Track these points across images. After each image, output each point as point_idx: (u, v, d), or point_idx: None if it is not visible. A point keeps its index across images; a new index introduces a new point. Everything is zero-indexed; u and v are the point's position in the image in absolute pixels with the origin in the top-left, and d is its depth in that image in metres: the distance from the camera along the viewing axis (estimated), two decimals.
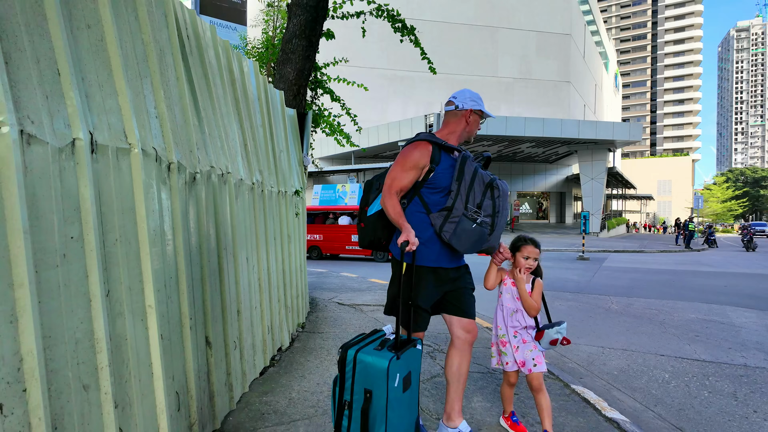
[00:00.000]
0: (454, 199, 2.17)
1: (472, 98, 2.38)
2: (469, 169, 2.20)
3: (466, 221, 2.14)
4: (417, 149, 2.23)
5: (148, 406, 1.77)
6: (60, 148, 1.43)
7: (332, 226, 13.92)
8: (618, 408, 2.98)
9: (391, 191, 2.22)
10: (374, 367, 1.88)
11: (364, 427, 1.88)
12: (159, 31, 2.11)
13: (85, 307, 1.50)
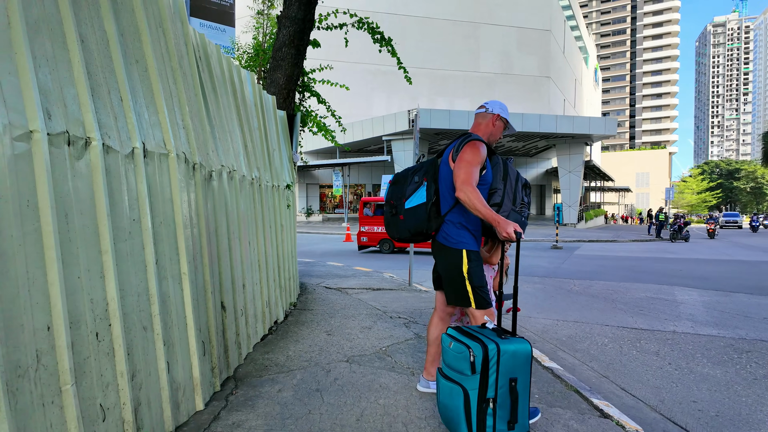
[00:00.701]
0: (502, 196, 2.47)
1: (500, 107, 2.66)
2: (513, 171, 2.55)
3: (515, 214, 2.48)
4: (482, 148, 2.42)
5: (185, 348, 2.34)
6: (125, 155, 1.98)
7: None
8: (559, 363, 3.62)
9: (473, 186, 2.31)
10: (519, 353, 1.94)
11: (513, 416, 1.94)
12: (182, 57, 2.65)
13: (143, 270, 2.06)
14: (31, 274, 1.50)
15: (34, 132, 1.54)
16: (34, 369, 1.49)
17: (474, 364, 1.93)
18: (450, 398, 2.01)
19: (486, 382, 1.90)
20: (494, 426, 1.92)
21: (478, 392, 1.92)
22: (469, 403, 1.93)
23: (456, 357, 2.04)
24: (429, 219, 2.46)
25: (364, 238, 13.50)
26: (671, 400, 3.03)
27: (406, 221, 2.53)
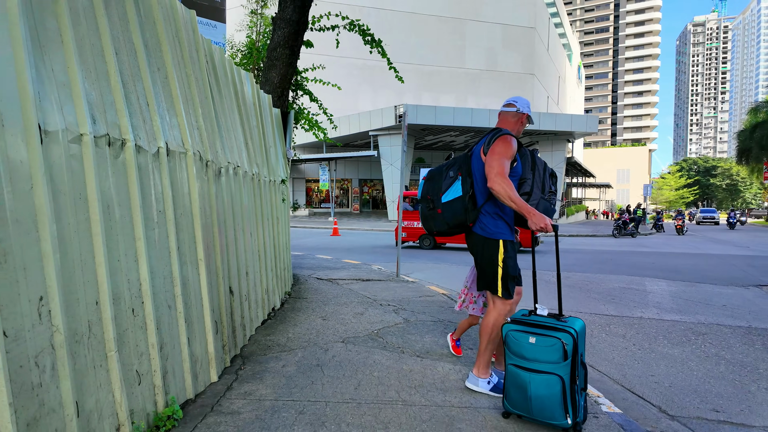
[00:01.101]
0: (531, 186, 2.68)
1: (527, 105, 2.85)
2: (540, 162, 2.76)
3: (544, 202, 2.71)
4: (513, 141, 2.59)
5: (201, 326, 2.62)
6: (152, 153, 2.25)
7: None
8: None
9: (505, 177, 2.44)
10: (582, 330, 2.26)
11: (585, 386, 2.23)
12: (194, 63, 2.91)
13: (167, 256, 2.33)
14: (83, 256, 1.77)
15: (84, 135, 1.80)
16: (87, 337, 1.77)
17: (567, 352, 2.14)
18: (547, 388, 2.15)
19: (575, 365, 2.14)
20: (579, 401, 2.18)
21: (570, 376, 2.13)
22: (565, 388, 2.12)
23: (545, 350, 2.18)
24: (466, 211, 2.62)
25: (404, 233, 13.04)
26: (632, 375, 3.41)
27: (444, 214, 2.70)
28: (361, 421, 2.27)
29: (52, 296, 1.60)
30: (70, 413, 1.64)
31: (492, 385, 2.67)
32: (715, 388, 3.16)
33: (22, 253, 1.49)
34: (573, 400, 2.14)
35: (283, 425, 2.20)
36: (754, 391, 3.11)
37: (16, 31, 1.52)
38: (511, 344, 2.29)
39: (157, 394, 2.17)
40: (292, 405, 2.43)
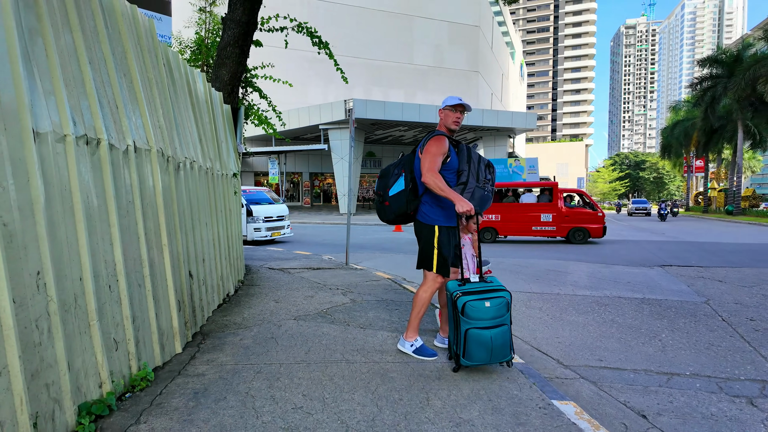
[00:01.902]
0: (467, 176, 3.06)
1: (444, 101, 3.19)
2: (475, 155, 3.15)
3: (479, 190, 3.10)
4: (441, 141, 3.01)
5: (166, 303, 2.95)
6: (123, 151, 2.56)
7: (512, 204, 13.04)
8: None
9: (435, 172, 2.91)
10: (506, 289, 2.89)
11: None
12: (155, 68, 3.20)
13: (137, 241, 2.65)
14: (69, 238, 2.09)
15: (67, 136, 2.12)
16: (74, 307, 2.09)
17: (509, 304, 2.81)
18: (503, 337, 2.77)
19: (510, 313, 2.83)
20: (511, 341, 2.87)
21: (510, 322, 2.83)
22: (510, 332, 2.82)
23: (498, 308, 2.75)
24: (408, 202, 3.08)
25: None
26: (541, 338, 4.06)
27: (391, 206, 3.15)
28: (310, 375, 2.72)
29: (47, 271, 1.92)
30: (63, 369, 1.98)
31: (414, 348, 3.16)
32: (604, 345, 3.86)
33: (24, 235, 1.81)
34: (511, 338, 2.86)
35: (243, 381, 2.60)
36: (633, 346, 3.83)
37: (14, 50, 1.83)
38: (470, 312, 2.71)
39: (131, 359, 2.50)
40: (250, 367, 2.83)
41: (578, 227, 12.76)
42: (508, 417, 2.28)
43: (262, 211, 11.66)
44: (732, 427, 2.45)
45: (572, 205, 13.15)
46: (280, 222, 12.10)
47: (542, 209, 12.71)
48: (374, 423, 2.17)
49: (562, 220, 12.74)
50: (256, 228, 11.43)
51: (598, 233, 12.66)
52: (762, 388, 2.95)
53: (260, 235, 11.48)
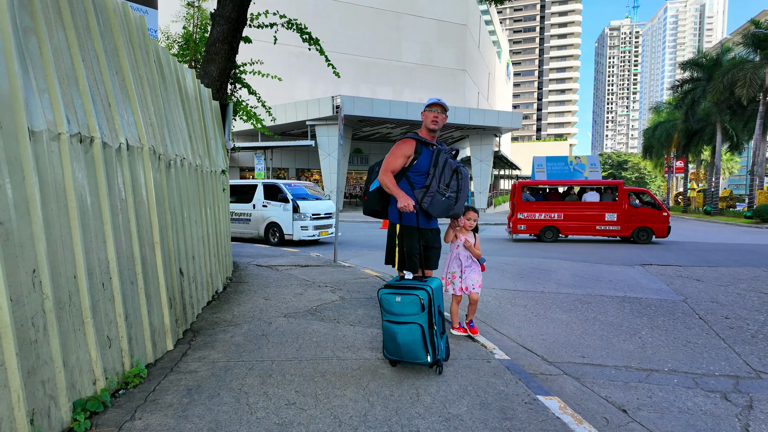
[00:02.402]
0: (431, 179, 3.15)
1: (428, 101, 3.31)
2: (442, 159, 3.19)
3: (438, 195, 3.16)
4: (406, 144, 3.20)
5: (158, 301, 2.96)
6: (116, 149, 2.56)
7: (575, 203, 12.73)
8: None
9: (387, 171, 3.15)
10: (437, 287, 2.86)
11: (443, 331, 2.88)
12: (146, 65, 3.19)
13: (129, 238, 2.66)
14: (63, 236, 2.10)
15: (61, 134, 2.12)
16: (68, 305, 2.10)
17: (423, 305, 2.68)
18: (410, 335, 2.68)
19: (431, 314, 2.71)
20: (438, 343, 2.77)
21: (428, 323, 2.70)
22: (425, 333, 2.69)
23: (407, 305, 2.69)
24: (378, 200, 3.31)
25: (522, 225, 12.70)
26: (526, 335, 4.16)
27: (368, 201, 3.35)
28: (302, 372, 2.76)
29: (42, 269, 1.93)
30: (58, 366, 1.99)
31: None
32: (586, 342, 3.97)
33: (20, 233, 1.82)
34: (432, 342, 2.72)
35: (236, 378, 2.64)
36: (614, 343, 3.95)
37: (9, 46, 1.83)
38: (384, 304, 2.77)
39: (124, 356, 2.52)
40: (242, 364, 2.86)
41: (643, 227, 12.48)
42: (496, 412, 2.36)
43: (310, 207, 10.69)
44: (707, 421, 2.56)
45: (636, 204, 12.76)
46: (327, 220, 11.11)
47: (607, 208, 12.41)
48: (366, 418, 2.23)
49: (627, 219, 12.45)
50: (303, 226, 10.47)
51: (662, 233, 12.39)
52: (735, 384, 3.08)
53: (307, 234, 10.52)
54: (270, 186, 11.05)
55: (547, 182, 13.20)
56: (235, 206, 11.28)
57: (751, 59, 28.09)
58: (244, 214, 11.28)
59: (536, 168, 14.00)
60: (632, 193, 13.00)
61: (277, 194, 10.80)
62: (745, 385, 3.05)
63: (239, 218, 11.31)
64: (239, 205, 11.30)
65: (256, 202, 11.08)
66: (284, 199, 10.61)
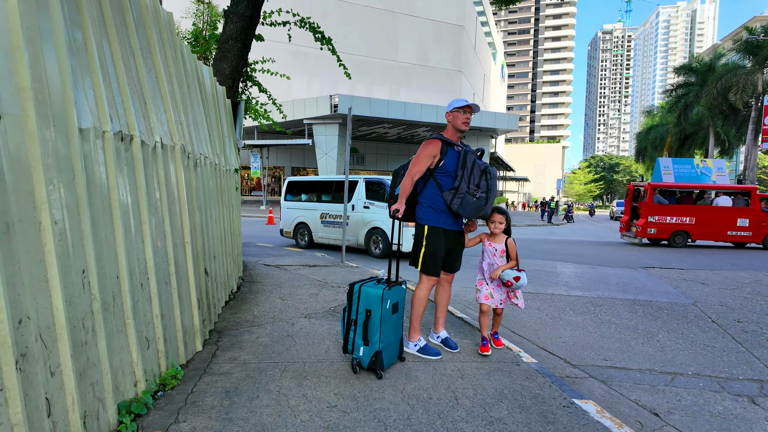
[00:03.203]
0: (459, 181, 3.10)
1: (451, 104, 3.25)
2: (470, 160, 3.15)
3: (468, 196, 3.10)
4: (431, 144, 3.16)
5: (188, 301, 2.93)
6: (152, 147, 2.53)
7: (707, 207, 12.51)
8: (467, 315, 4.64)
9: (410, 173, 3.14)
10: (372, 294, 2.75)
11: (365, 335, 2.73)
12: (175, 62, 3.15)
13: (163, 238, 2.62)
14: (107, 236, 2.06)
15: (106, 132, 2.08)
16: (112, 305, 2.07)
17: (348, 294, 2.85)
18: (342, 314, 2.89)
19: (350, 307, 2.83)
20: (354, 338, 2.81)
21: (348, 312, 2.84)
22: (345, 318, 2.86)
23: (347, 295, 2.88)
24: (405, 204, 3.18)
25: (653, 229, 12.41)
26: (545, 337, 4.18)
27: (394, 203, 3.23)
28: (336, 374, 2.75)
29: (91, 269, 1.90)
30: (105, 368, 1.96)
31: (418, 348, 3.24)
32: (606, 345, 4.00)
33: (71, 233, 1.79)
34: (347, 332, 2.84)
35: (271, 380, 2.61)
36: (633, 346, 3.98)
37: (61, 41, 1.79)
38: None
39: (160, 357, 2.48)
40: (274, 366, 2.84)
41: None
42: (537, 416, 2.36)
43: None
44: (739, 425, 2.59)
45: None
46: None
47: (739, 214, 12.27)
48: (410, 421, 2.22)
49: (758, 225, 12.41)
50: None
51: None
52: (761, 388, 3.12)
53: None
54: (374, 183, 9.01)
55: (683, 185, 12.88)
56: (328, 207, 9.66)
57: (743, 65, 28.49)
58: (340, 217, 9.33)
59: (662, 170, 13.46)
60: (764, 199, 12.90)
61: (383, 193, 8.78)
62: None
63: (333, 222, 9.53)
64: (333, 205, 9.58)
65: (356, 202, 9.17)
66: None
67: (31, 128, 1.60)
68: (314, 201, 10.09)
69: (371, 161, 36.89)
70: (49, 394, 1.62)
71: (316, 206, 9.92)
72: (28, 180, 1.58)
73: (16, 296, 1.49)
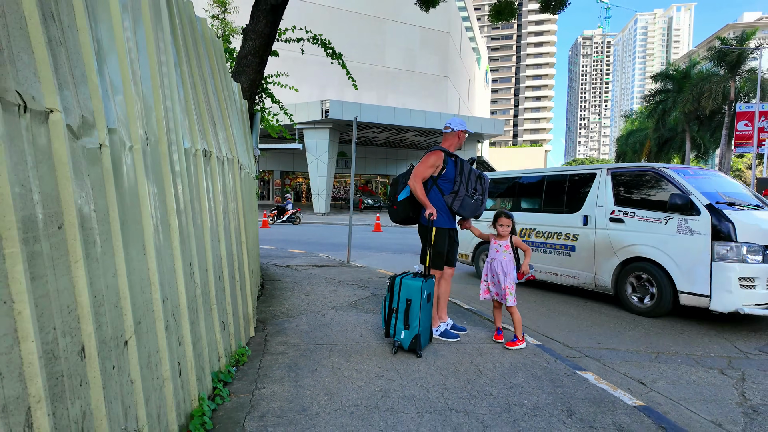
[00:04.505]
0: (458, 186, 3.68)
1: (460, 123, 3.87)
2: (466, 167, 3.77)
3: (467, 198, 3.69)
4: (435, 155, 3.67)
5: (245, 292, 3.37)
6: (223, 161, 2.98)
7: None
8: (474, 307, 5.15)
9: (418, 180, 3.61)
10: (413, 286, 3.22)
11: (406, 321, 3.19)
12: (224, 85, 3.59)
13: (229, 238, 3.07)
14: (198, 234, 2.51)
15: (197, 150, 2.53)
16: (203, 293, 2.51)
17: (389, 286, 3.29)
18: (382, 303, 3.35)
19: (392, 297, 3.27)
20: (395, 324, 3.26)
21: (389, 302, 3.29)
22: (386, 307, 3.32)
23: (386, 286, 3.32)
24: (410, 208, 3.72)
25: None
26: (544, 326, 4.70)
27: (398, 210, 3.76)
28: (375, 352, 3.23)
29: (194, 262, 2.36)
30: (204, 343, 2.41)
31: (439, 332, 3.74)
32: (597, 331, 4.54)
33: (185, 232, 2.23)
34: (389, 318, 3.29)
35: (323, 357, 3.08)
36: (622, 332, 4.53)
37: (175, 86, 2.24)
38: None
39: (231, 339, 2.93)
40: (321, 347, 3.30)
41: None
42: (547, 382, 2.88)
43: (756, 227, 4.43)
44: (710, 390, 3.14)
45: None
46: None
47: None
48: (446, 386, 2.71)
49: None
50: (745, 279, 4.29)
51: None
52: (728, 362, 3.69)
53: (758, 298, 4.31)
54: (635, 175, 5.31)
55: None
56: (537, 219, 6.19)
57: (716, 72, 29.83)
58: (561, 237, 5.88)
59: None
60: None
61: (655, 192, 5.05)
62: (737, 363, 3.66)
63: (548, 245, 6.05)
64: (548, 216, 6.08)
65: (592, 210, 5.55)
66: (682, 205, 4.62)
67: (164, 150, 2.05)
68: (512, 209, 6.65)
69: (360, 165, 37.36)
70: (179, 359, 2.07)
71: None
72: (164, 190, 2.03)
73: (164, 281, 1.94)
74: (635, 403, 2.66)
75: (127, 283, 1.61)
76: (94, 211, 1.46)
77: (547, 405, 2.56)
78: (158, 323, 1.86)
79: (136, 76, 1.81)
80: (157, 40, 2.04)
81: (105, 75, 1.58)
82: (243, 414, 2.30)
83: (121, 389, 1.57)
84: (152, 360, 1.80)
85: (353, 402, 2.47)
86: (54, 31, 1.36)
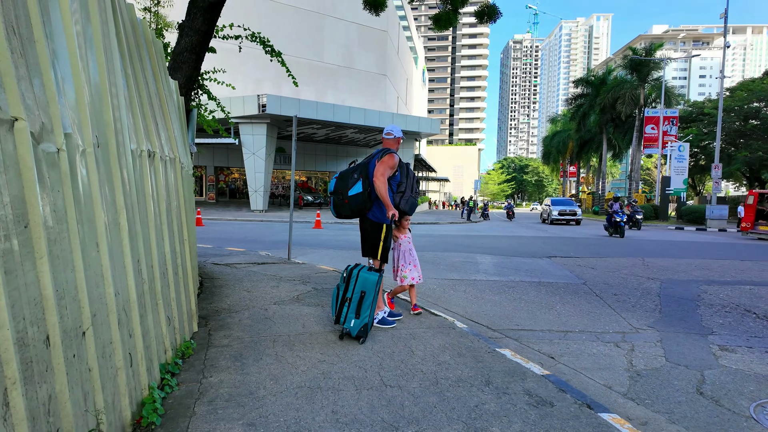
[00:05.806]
0: (405, 186, 4.14)
1: (399, 130, 4.25)
2: (411, 173, 4.24)
3: (411, 198, 4.17)
4: (393, 159, 3.97)
5: (188, 288, 3.46)
6: (166, 160, 3.06)
7: None
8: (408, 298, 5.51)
9: (384, 180, 3.84)
10: (369, 279, 3.51)
11: (357, 311, 3.45)
12: (164, 84, 3.64)
13: (173, 236, 3.16)
14: (146, 232, 2.61)
15: (143, 151, 2.63)
16: (150, 288, 2.62)
17: (344, 277, 3.58)
18: (334, 291, 3.64)
19: (348, 287, 3.56)
20: (347, 313, 3.53)
21: (344, 291, 3.57)
22: (338, 296, 3.60)
23: (341, 277, 3.62)
24: (365, 202, 3.87)
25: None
26: (471, 311, 5.16)
27: (350, 204, 3.89)
28: (317, 341, 3.46)
29: (142, 258, 2.47)
30: (152, 336, 2.53)
31: (377, 320, 4.05)
32: (518, 315, 5.06)
33: (133, 230, 2.35)
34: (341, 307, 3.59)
35: (267, 348, 3.26)
36: (538, 315, 5.08)
37: (120, 90, 2.34)
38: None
39: (176, 333, 3.03)
40: (265, 339, 3.48)
41: None
42: (470, 359, 3.26)
43: None
44: (606, 360, 3.69)
45: None
46: None
47: None
48: (382, 366, 3.01)
49: None
50: None
51: None
52: (622, 337, 4.30)
53: None
54: None
55: None
56: None
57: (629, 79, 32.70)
58: None
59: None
60: None
61: None
62: (629, 337, 4.28)
63: None
64: None
65: None
66: None
67: (113, 152, 2.16)
68: None
69: (299, 161, 36.99)
70: (130, 350, 2.19)
71: None
72: (114, 191, 2.14)
73: (116, 276, 2.05)
74: (543, 373, 3.10)
75: (84, 278, 1.74)
76: (54, 211, 1.58)
77: (469, 377, 2.93)
78: (111, 316, 1.98)
79: (88, 82, 1.91)
80: (105, 47, 2.13)
81: (60, 82, 1.70)
82: (192, 400, 2.45)
83: (81, 376, 1.70)
84: (107, 350, 1.93)
85: (297, 384, 2.69)
86: (15, 44, 1.48)
